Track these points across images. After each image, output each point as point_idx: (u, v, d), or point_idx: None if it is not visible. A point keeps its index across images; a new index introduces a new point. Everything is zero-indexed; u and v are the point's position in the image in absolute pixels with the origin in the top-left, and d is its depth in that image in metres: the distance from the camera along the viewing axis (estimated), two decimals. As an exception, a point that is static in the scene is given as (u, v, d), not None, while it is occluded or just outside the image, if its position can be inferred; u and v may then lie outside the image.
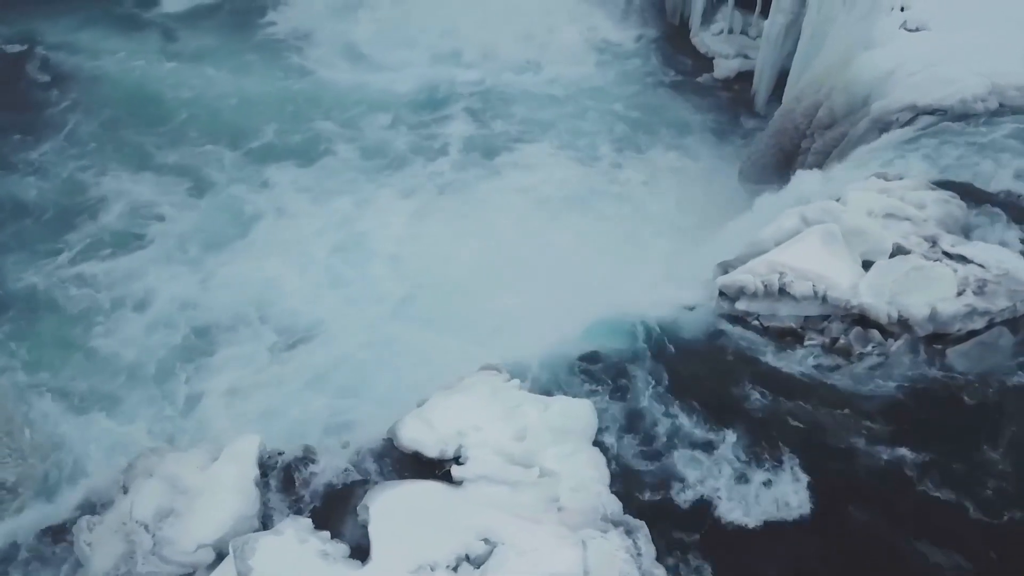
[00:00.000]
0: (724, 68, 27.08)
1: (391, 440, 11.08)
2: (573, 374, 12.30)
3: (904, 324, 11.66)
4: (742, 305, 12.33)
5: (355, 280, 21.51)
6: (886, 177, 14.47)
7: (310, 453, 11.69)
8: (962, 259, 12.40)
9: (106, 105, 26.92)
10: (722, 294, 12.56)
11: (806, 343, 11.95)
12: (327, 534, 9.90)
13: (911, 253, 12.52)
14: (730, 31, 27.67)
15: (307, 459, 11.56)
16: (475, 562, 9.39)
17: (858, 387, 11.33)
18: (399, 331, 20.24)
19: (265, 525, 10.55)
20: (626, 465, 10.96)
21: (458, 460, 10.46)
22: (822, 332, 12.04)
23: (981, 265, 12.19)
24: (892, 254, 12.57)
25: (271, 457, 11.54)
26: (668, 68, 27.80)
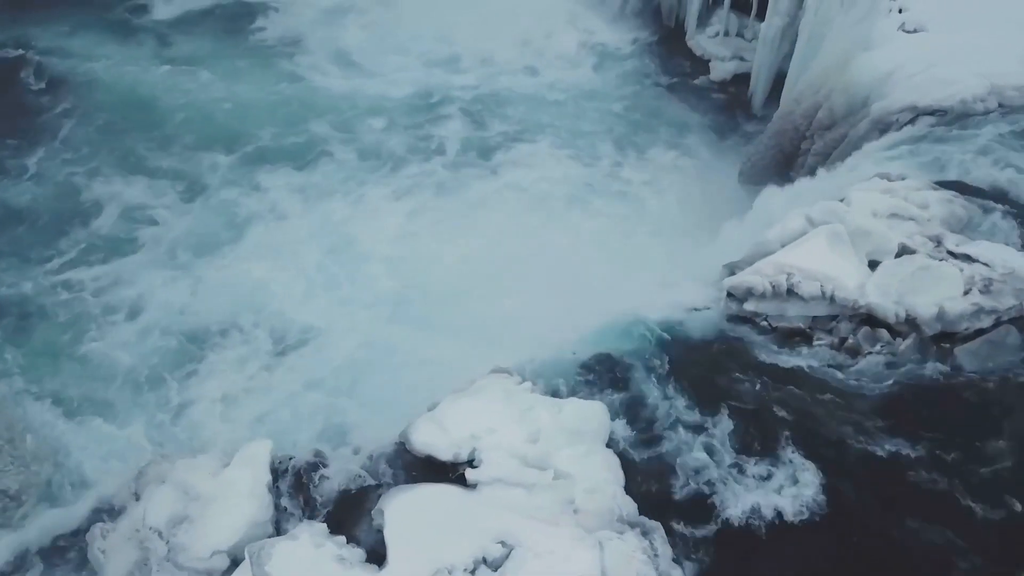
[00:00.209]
0: (720, 70, 27.18)
1: (403, 444, 11.08)
2: (581, 376, 12.32)
3: (912, 323, 11.74)
4: (750, 306, 12.38)
5: (351, 283, 21.40)
6: (888, 177, 14.58)
7: (320, 458, 11.69)
8: (967, 258, 12.51)
9: (100, 110, 26.75)
10: (730, 295, 12.62)
11: (815, 343, 12.02)
12: (343, 538, 9.91)
13: (916, 253, 12.62)
14: (726, 33, 27.75)
15: (318, 464, 11.56)
16: (492, 564, 9.41)
17: (869, 386, 11.40)
18: (397, 334, 20.15)
19: (278, 531, 10.54)
20: (638, 466, 10.97)
21: (472, 463, 10.47)
22: (830, 332, 12.11)
23: (986, 264, 12.29)
24: (898, 254, 12.66)
25: (281, 462, 11.53)
26: (664, 70, 27.86)
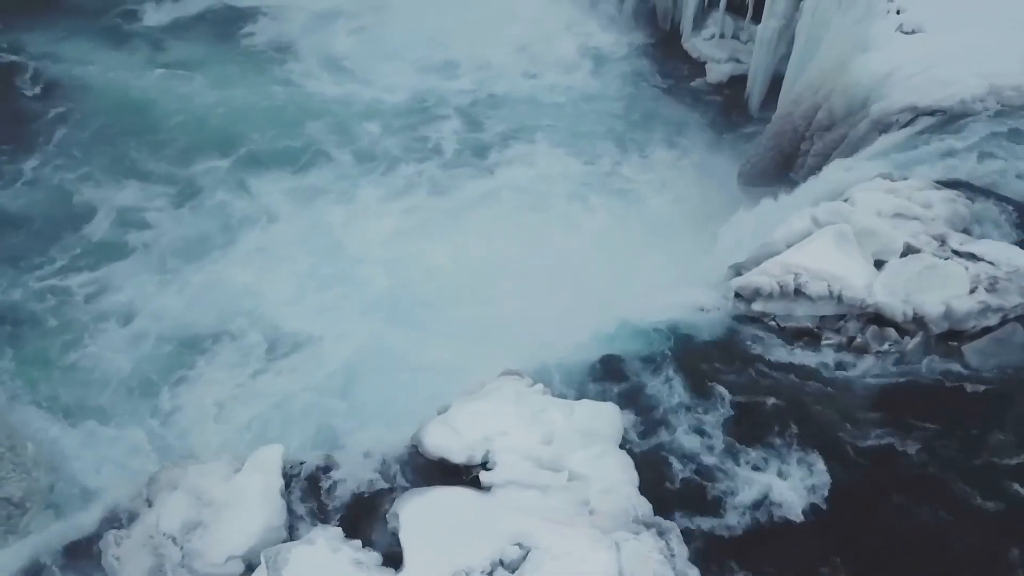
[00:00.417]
0: (717, 72, 27.35)
1: (415, 447, 11.05)
2: (590, 378, 12.35)
3: (919, 322, 11.82)
4: (758, 306, 12.44)
5: (346, 286, 21.39)
6: (891, 177, 14.68)
7: (331, 462, 11.65)
8: (972, 257, 12.61)
9: (93, 115, 26.72)
10: (738, 296, 12.67)
11: (823, 342, 12.08)
12: (359, 542, 9.88)
13: (922, 252, 12.71)
14: (721, 36, 27.94)
15: (329, 468, 11.52)
16: (510, 567, 9.39)
17: (879, 384, 11.48)
18: (393, 338, 20.10)
19: (292, 535, 10.49)
20: (650, 467, 10.99)
21: (485, 465, 10.46)
22: (839, 331, 12.17)
23: (991, 263, 12.40)
24: (903, 253, 12.75)
25: (292, 467, 11.47)
26: (661, 73, 28.02)
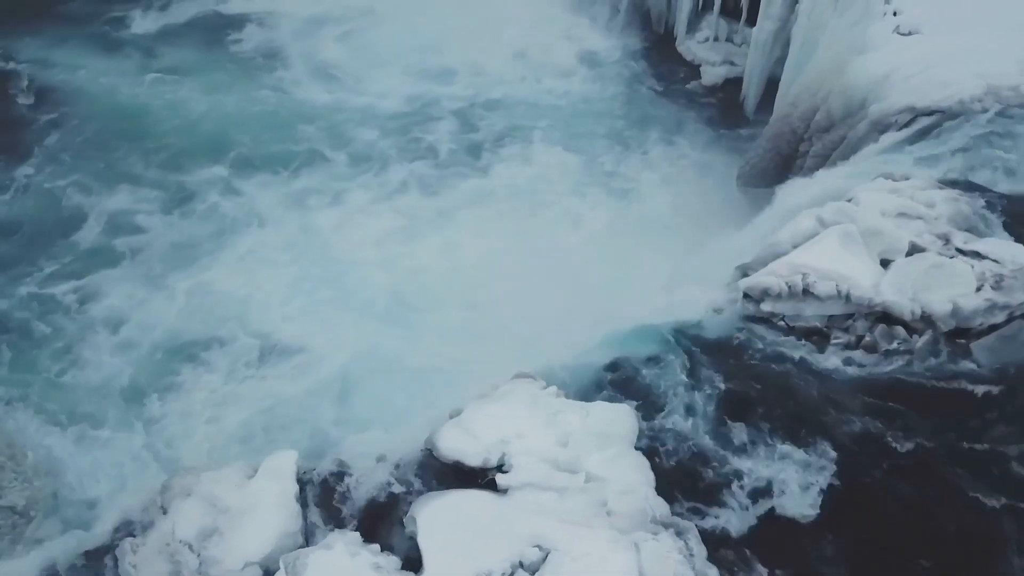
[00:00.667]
0: (711, 75, 27.50)
1: (429, 450, 11.05)
2: (601, 380, 12.37)
3: (927, 320, 11.92)
4: (767, 306, 12.51)
5: (339, 290, 21.37)
6: (893, 177, 14.79)
7: (344, 467, 11.65)
8: (976, 255, 12.71)
9: (85, 122, 26.68)
10: (746, 296, 12.73)
11: (833, 341, 12.15)
12: (377, 547, 9.87)
13: (927, 251, 12.81)
14: (715, 39, 28.09)
15: (343, 473, 11.53)
16: (529, 568, 9.41)
17: (889, 383, 11.56)
18: (390, 341, 20.07)
19: (307, 541, 10.48)
20: (664, 467, 11.04)
21: (501, 468, 10.47)
22: (847, 330, 12.25)
23: (996, 261, 12.50)
24: (908, 252, 12.85)
25: (306, 473, 11.49)
26: (656, 76, 28.14)
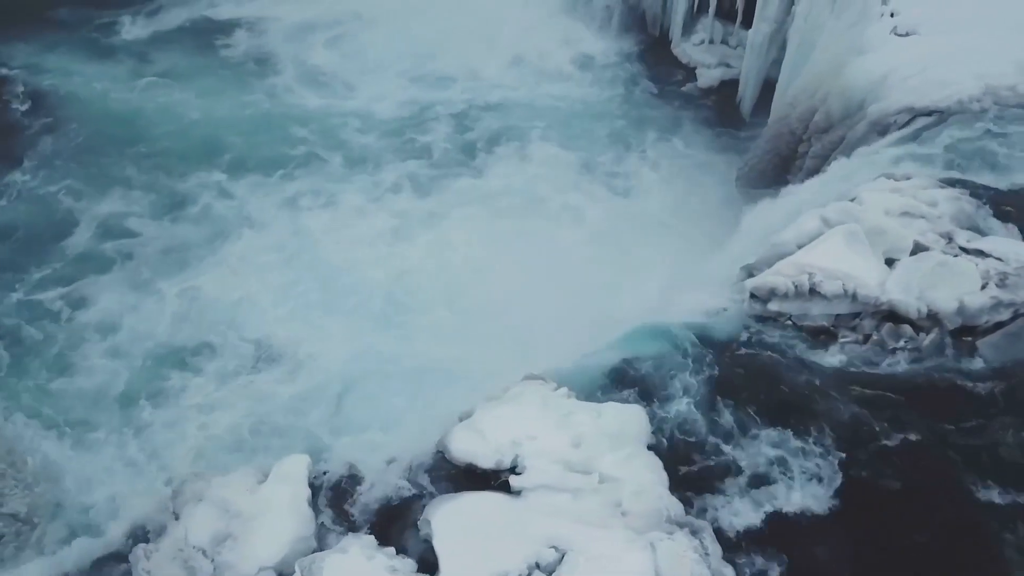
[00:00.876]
0: (707, 77, 27.64)
1: (441, 453, 11.04)
2: (608, 381, 12.37)
3: (933, 318, 12.00)
4: (774, 306, 12.57)
5: (334, 293, 21.28)
6: (894, 177, 14.89)
7: (355, 471, 11.64)
8: (980, 253, 12.81)
9: (79, 127, 26.65)
10: (753, 296, 12.78)
11: (840, 340, 12.22)
12: (392, 550, 9.86)
13: (931, 250, 12.90)
14: (711, 41, 28.24)
15: (354, 477, 11.52)
16: (546, 569, 9.43)
17: (897, 379, 11.63)
18: (385, 343, 19.96)
19: (321, 545, 10.44)
20: (673, 467, 11.05)
21: (515, 470, 10.47)
22: (854, 329, 12.32)
23: (999, 259, 12.61)
24: (913, 251, 12.93)
25: (316, 477, 11.45)
26: (653, 79, 28.26)
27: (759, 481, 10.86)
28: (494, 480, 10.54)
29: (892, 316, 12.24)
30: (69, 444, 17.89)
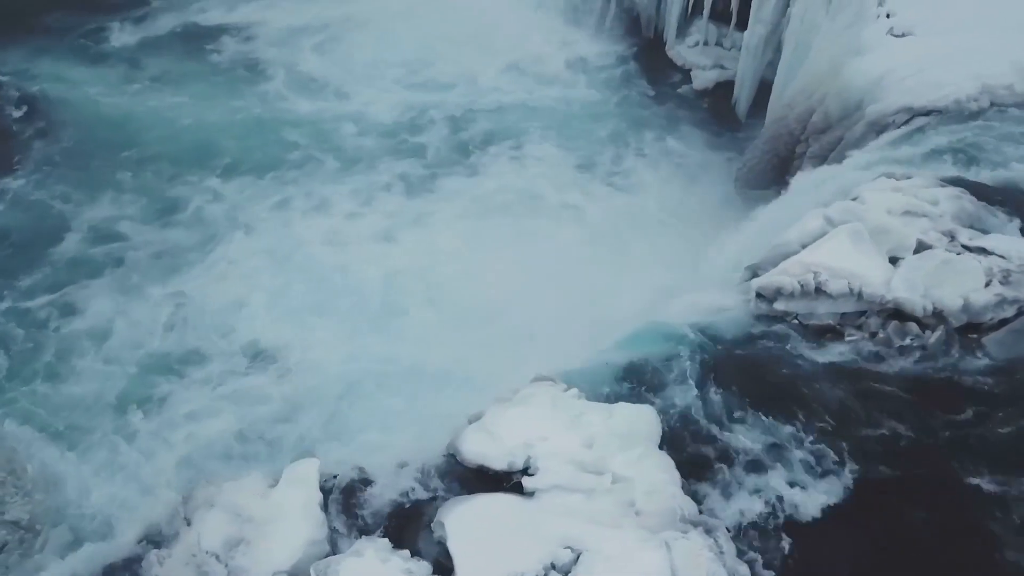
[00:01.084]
0: (702, 79, 27.79)
1: (452, 455, 11.03)
2: (616, 382, 12.38)
3: (939, 316, 12.10)
4: (780, 305, 12.63)
5: (328, 297, 21.24)
6: (895, 176, 15.00)
7: (366, 474, 11.59)
8: (983, 251, 12.93)
9: (69, 133, 26.52)
10: (759, 295, 12.84)
11: (847, 339, 12.29)
12: (407, 552, 9.83)
13: (934, 248, 13.00)
14: (705, 43, 28.40)
15: (364, 480, 11.46)
16: (561, 570, 9.42)
17: (904, 377, 11.70)
18: (382, 347, 19.91)
19: (333, 549, 10.40)
20: (683, 466, 11.07)
21: (527, 471, 10.47)
22: (860, 328, 12.40)
23: (1002, 256, 12.73)
24: (916, 250, 13.03)
25: (327, 480, 11.39)
26: (648, 81, 28.41)
27: (767, 479, 10.87)
28: (506, 482, 10.53)
29: (898, 314, 12.32)
30: (65, 451, 17.78)
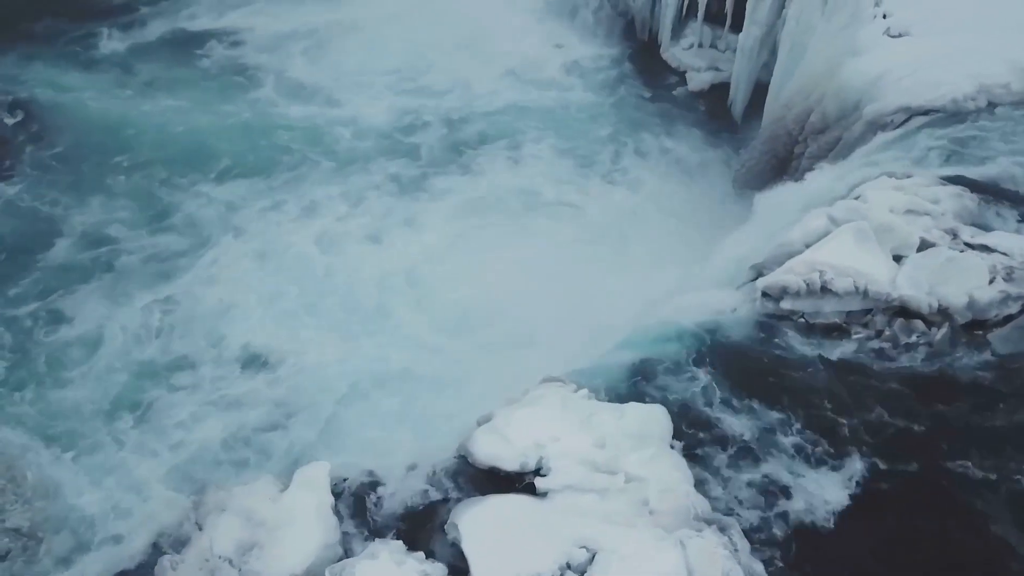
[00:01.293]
0: (697, 81, 27.91)
1: (463, 457, 11.02)
2: (624, 382, 12.42)
3: (944, 313, 12.18)
4: (787, 304, 12.68)
5: (322, 300, 21.19)
6: (896, 176, 15.10)
7: (376, 477, 11.57)
8: (985, 248, 13.03)
9: (61, 138, 26.38)
10: (765, 295, 12.89)
11: (853, 336, 12.35)
12: (422, 554, 9.81)
13: (937, 246, 13.09)
14: (699, 45, 28.51)
15: (375, 483, 11.45)
16: (577, 570, 9.42)
17: (911, 374, 11.78)
18: (377, 350, 19.86)
19: (347, 552, 10.37)
20: (696, 464, 11.10)
21: (539, 472, 10.47)
22: (866, 325, 12.47)
23: (1005, 253, 12.83)
24: (919, 248, 13.12)
25: (337, 484, 11.37)
26: (643, 83, 28.49)
27: (778, 476, 10.94)
28: (518, 483, 10.54)
29: (903, 312, 12.40)
30: (61, 458, 17.67)
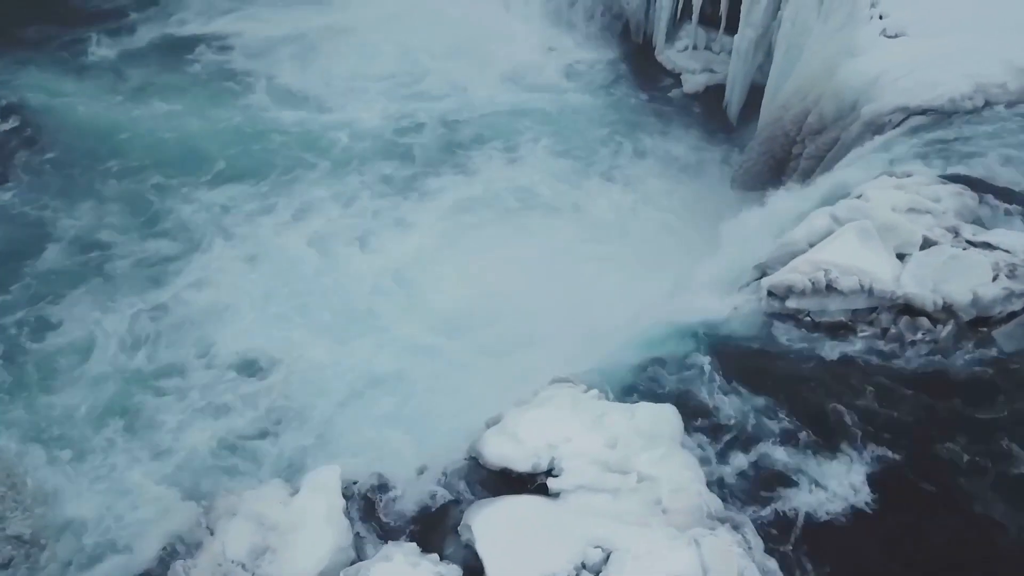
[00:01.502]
0: (692, 83, 28.04)
1: (474, 459, 11.02)
2: (635, 383, 12.44)
3: (949, 310, 12.25)
4: (792, 303, 12.73)
5: (315, 302, 21.13)
6: (895, 175, 15.20)
7: (385, 480, 11.56)
8: (987, 246, 13.13)
9: (52, 143, 26.33)
10: (770, 294, 12.94)
11: (859, 334, 12.41)
12: (436, 556, 9.81)
13: (940, 244, 13.18)
14: (694, 47, 28.65)
15: (385, 486, 11.44)
16: (592, 569, 9.43)
17: (917, 371, 11.84)
18: (371, 352, 19.79)
19: (360, 555, 10.35)
20: (706, 463, 11.12)
21: (551, 472, 10.48)
22: (871, 324, 12.52)
23: (1007, 251, 12.92)
24: (922, 246, 13.20)
25: (347, 487, 11.35)
26: (639, 85, 28.61)
27: (786, 475, 10.97)
28: (530, 483, 10.54)
29: (908, 309, 12.47)
30: (58, 464, 17.59)
